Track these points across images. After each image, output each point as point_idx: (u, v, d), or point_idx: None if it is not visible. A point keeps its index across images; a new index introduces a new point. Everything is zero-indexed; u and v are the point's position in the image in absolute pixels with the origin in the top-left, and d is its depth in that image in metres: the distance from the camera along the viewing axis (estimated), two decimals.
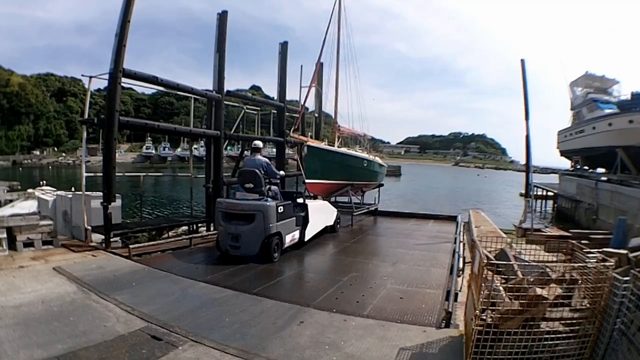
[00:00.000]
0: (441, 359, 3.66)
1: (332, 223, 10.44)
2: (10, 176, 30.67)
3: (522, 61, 13.33)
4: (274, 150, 14.97)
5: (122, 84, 7.79)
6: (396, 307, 5.13)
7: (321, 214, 9.74)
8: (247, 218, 7.30)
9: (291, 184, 14.14)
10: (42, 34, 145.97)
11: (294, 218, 8.24)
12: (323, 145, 12.57)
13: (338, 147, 13.90)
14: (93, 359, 3.50)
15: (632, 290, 2.92)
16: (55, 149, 74.28)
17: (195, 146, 12.57)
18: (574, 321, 3.17)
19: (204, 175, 10.56)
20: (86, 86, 8.82)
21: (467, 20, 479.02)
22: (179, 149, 74.02)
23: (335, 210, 10.82)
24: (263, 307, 4.92)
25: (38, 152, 70.20)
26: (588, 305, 3.22)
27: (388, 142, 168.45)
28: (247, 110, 13.60)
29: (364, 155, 14.42)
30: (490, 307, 3.19)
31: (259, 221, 7.20)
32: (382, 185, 16.33)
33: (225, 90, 10.23)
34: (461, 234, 9.66)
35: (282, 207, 7.65)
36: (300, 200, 8.91)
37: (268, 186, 7.83)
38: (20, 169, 52.78)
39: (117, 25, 7.53)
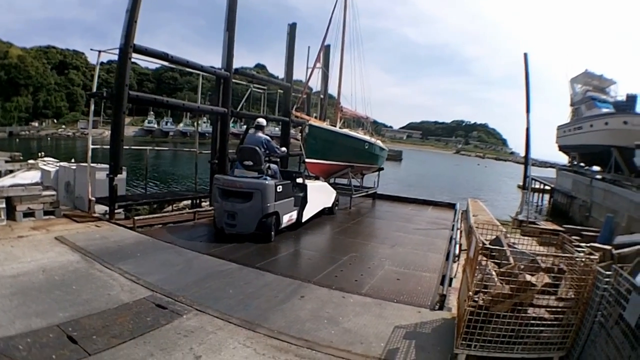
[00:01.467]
0: (434, 338, 3.84)
1: (330, 205, 10.42)
2: (7, 147, 30.36)
3: (525, 55, 13.34)
4: (276, 129, 15.02)
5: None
6: (393, 287, 5.32)
7: (320, 195, 9.68)
8: (245, 196, 7.18)
9: (294, 164, 14.23)
10: (44, 6, 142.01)
11: (293, 198, 8.14)
12: (325, 125, 12.60)
13: (340, 128, 13.92)
14: (96, 326, 3.47)
15: (612, 285, 3.04)
16: (55, 120, 73.25)
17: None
18: (559, 309, 3.32)
19: (209, 151, 10.56)
20: (89, 59, 8.80)
21: (476, 11, 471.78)
22: (181, 124, 73.44)
23: (334, 192, 10.83)
24: (265, 281, 5.08)
25: (36, 124, 68.87)
26: (573, 295, 3.35)
27: (390, 127, 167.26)
28: (253, 89, 13.56)
29: (366, 137, 14.45)
30: (483, 290, 3.35)
31: (256, 200, 7.10)
32: (382, 169, 16.39)
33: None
34: (459, 221, 9.82)
35: (280, 187, 7.53)
36: (299, 180, 8.83)
37: (267, 164, 7.76)
38: (17, 140, 51.95)
39: (128, 1, 7.46)
